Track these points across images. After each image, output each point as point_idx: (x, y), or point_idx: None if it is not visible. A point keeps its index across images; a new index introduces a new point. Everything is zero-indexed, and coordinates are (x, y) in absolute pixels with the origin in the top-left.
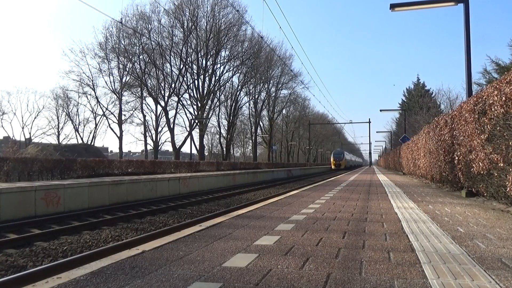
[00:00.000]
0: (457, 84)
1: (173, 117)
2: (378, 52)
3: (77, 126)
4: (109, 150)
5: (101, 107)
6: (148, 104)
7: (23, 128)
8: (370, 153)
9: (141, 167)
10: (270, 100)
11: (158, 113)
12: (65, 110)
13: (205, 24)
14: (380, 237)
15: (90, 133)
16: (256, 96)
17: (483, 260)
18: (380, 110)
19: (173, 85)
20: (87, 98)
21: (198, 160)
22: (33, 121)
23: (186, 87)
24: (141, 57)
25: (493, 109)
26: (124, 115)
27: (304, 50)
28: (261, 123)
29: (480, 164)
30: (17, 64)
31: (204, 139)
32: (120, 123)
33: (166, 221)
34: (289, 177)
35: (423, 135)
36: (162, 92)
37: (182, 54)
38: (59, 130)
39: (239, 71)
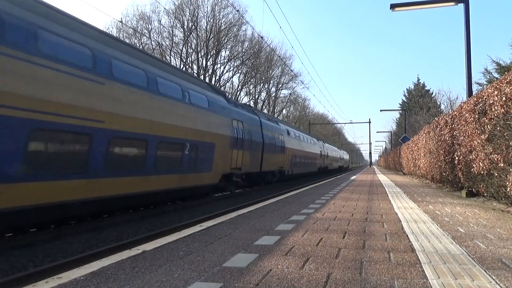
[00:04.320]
0: (458, 84)
1: None
2: (379, 52)
3: None
4: None
5: None
6: None
7: None
8: (370, 153)
9: None
10: (270, 100)
11: None
12: None
13: (205, 24)
14: (380, 237)
15: None
16: (256, 96)
17: (484, 260)
18: (381, 110)
19: None
20: None
21: None
22: None
23: None
24: None
25: (493, 109)
26: None
27: (305, 50)
28: None
29: (481, 164)
30: None
31: None
32: None
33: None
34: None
35: (423, 135)
36: None
37: (182, 54)
38: None
39: (239, 71)
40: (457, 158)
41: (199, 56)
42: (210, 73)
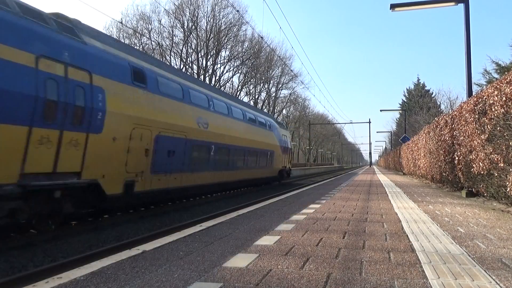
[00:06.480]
0: (458, 84)
1: None
2: (379, 52)
3: None
4: None
5: None
6: None
7: None
8: (370, 153)
9: None
10: (270, 100)
11: None
12: None
13: (205, 24)
14: (380, 237)
15: None
16: (256, 96)
17: (483, 260)
18: (381, 110)
19: None
20: None
21: None
22: None
23: None
24: None
25: (493, 109)
26: None
27: (305, 50)
28: None
29: (480, 164)
30: None
31: None
32: None
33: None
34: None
35: (423, 135)
36: None
37: (182, 54)
38: None
39: (239, 71)
40: (457, 158)
41: (199, 56)
42: (210, 73)
